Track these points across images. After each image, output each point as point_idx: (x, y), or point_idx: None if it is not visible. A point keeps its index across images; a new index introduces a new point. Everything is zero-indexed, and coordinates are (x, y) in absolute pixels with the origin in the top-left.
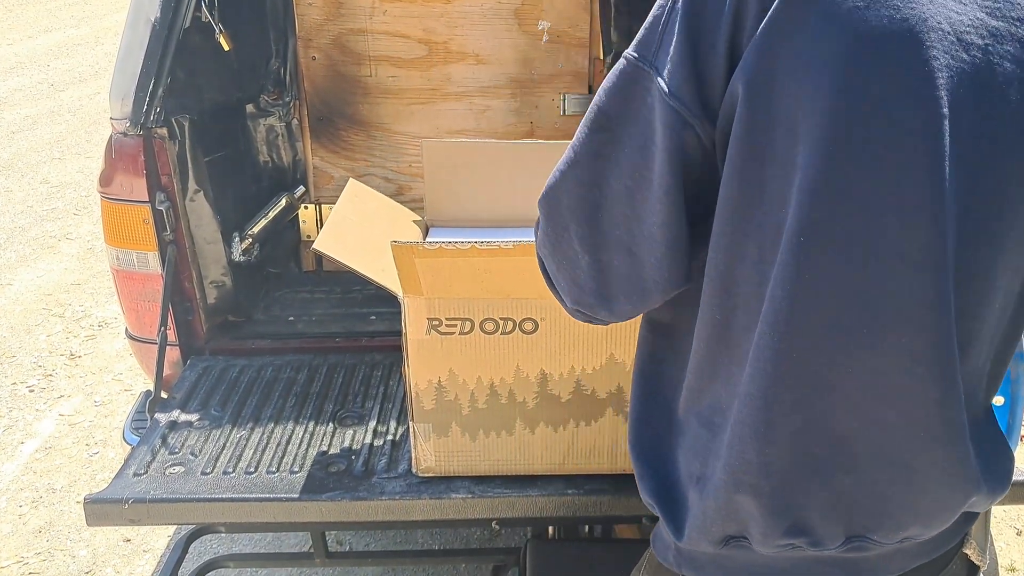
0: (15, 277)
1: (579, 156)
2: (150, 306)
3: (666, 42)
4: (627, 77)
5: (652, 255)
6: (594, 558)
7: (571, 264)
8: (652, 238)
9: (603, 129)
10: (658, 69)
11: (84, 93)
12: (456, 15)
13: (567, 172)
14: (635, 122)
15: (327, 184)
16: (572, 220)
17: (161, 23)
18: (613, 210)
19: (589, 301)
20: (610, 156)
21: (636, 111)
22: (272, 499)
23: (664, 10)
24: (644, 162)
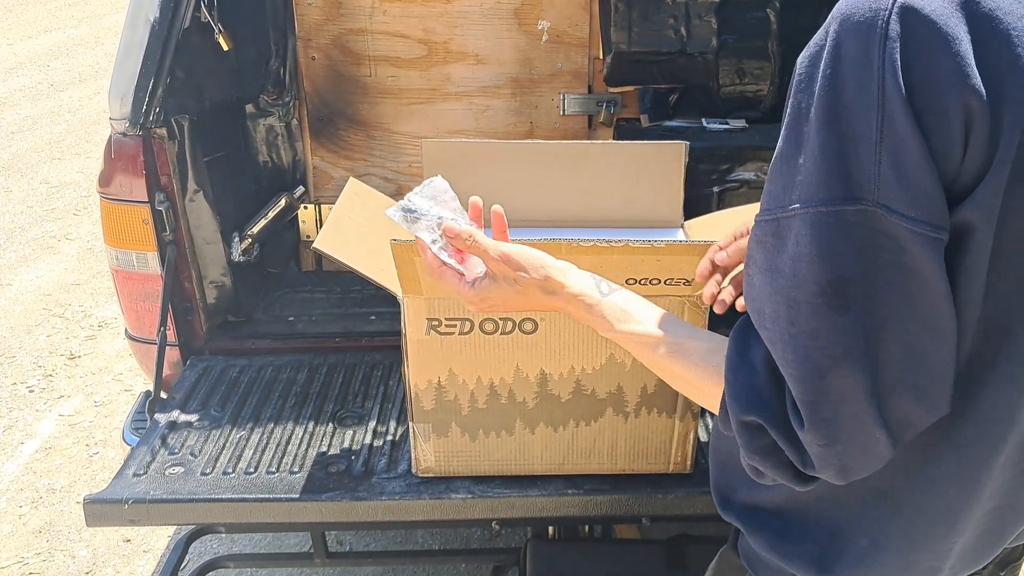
0: (15, 277)
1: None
2: (150, 306)
3: (890, 173)
4: (847, 228)
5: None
6: (594, 558)
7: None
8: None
9: (857, 295)
10: (888, 207)
11: (84, 93)
12: (456, 15)
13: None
14: (884, 271)
15: (327, 184)
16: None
17: (160, 23)
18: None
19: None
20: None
21: (878, 259)
22: (272, 499)
23: (874, 128)
24: (918, 305)
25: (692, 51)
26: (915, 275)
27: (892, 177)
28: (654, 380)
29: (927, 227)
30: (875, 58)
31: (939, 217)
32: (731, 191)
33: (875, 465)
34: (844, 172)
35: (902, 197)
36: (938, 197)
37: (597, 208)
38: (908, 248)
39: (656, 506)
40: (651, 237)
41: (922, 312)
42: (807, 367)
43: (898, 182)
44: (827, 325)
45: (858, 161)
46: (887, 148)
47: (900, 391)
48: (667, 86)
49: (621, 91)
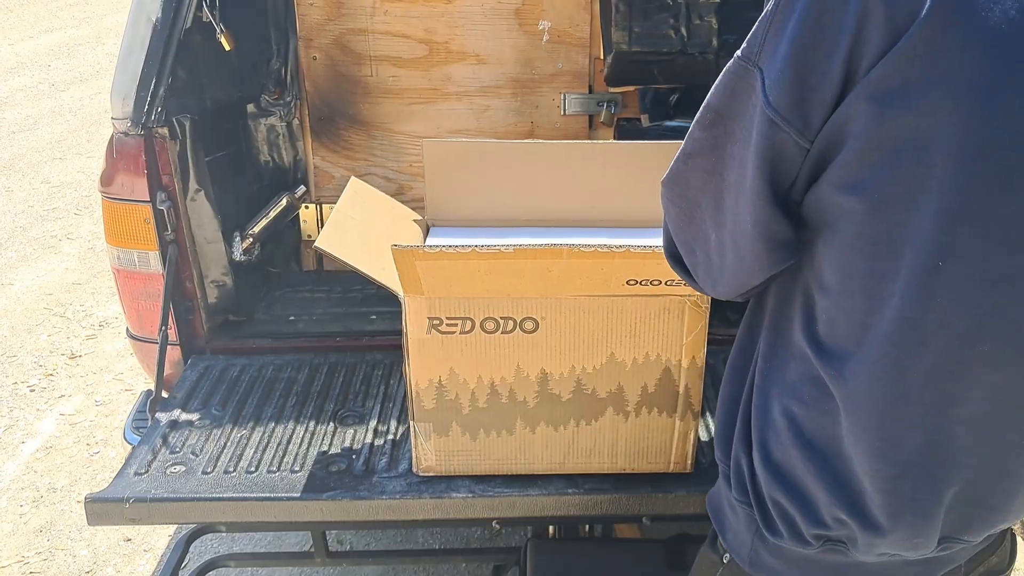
0: (16, 277)
1: (698, 148)
2: (151, 305)
3: (770, 46)
4: (732, 75)
5: (749, 249)
6: (594, 558)
7: (704, 240)
8: (746, 233)
9: (714, 124)
10: (762, 71)
11: (85, 93)
12: (457, 15)
13: (690, 161)
14: (741, 117)
15: (328, 184)
16: (703, 198)
17: (162, 23)
18: (728, 197)
19: (717, 276)
20: (724, 148)
21: (743, 107)
22: (273, 498)
23: (774, 11)
24: (744, 160)
25: (692, 51)
26: (749, 137)
27: (771, 49)
28: (655, 380)
29: (774, 112)
30: None
31: (785, 105)
32: None
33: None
34: (750, 37)
35: (769, 70)
36: (795, 89)
37: (597, 208)
38: (756, 109)
39: (656, 506)
40: (652, 238)
41: (742, 175)
42: (680, 166)
43: (772, 57)
44: (693, 129)
45: (759, 31)
46: (775, 25)
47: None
48: (667, 86)
49: (622, 91)
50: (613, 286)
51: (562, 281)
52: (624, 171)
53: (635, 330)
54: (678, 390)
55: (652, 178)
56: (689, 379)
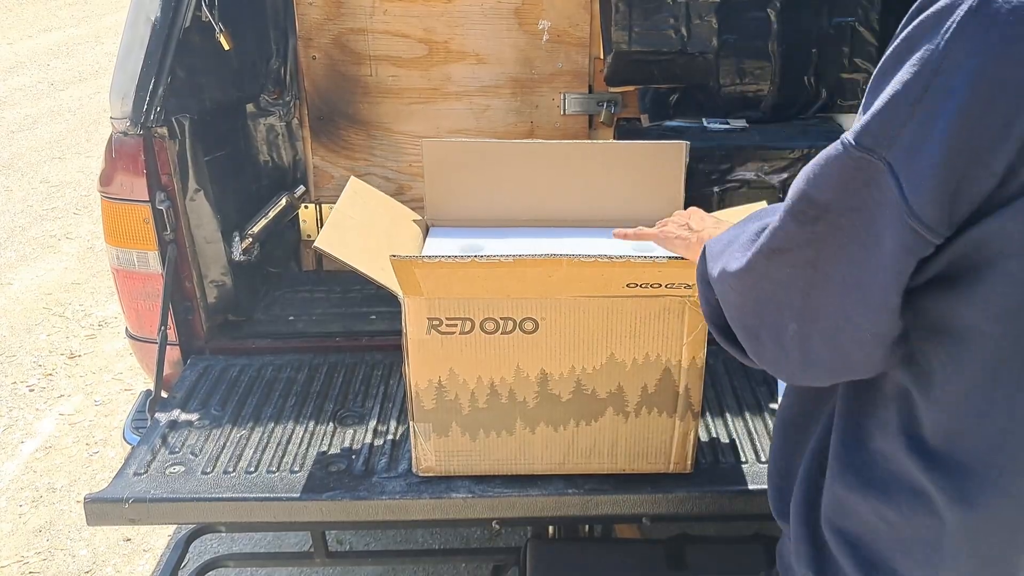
0: (15, 276)
1: (789, 243)
2: (150, 305)
3: (912, 138)
4: (846, 166)
5: (862, 354)
6: (594, 558)
7: (778, 330)
8: (861, 340)
9: (816, 220)
10: (893, 167)
11: (84, 92)
12: (456, 15)
13: (775, 257)
14: (857, 214)
15: (327, 183)
16: (785, 292)
17: (161, 22)
18: (827, 295)
19: (793, 368)
20: (827, 244)
21: (861, 204)
22: (272, 498)
23: (920, 95)
24: (865, 263)
25: (692, 51)
26: (875, 241)
27: (909, 144)
28: (655, 380)
29: (916, 220)
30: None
31: (935, 219)
32: (731, 191)
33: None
34: (877, 126)
35: (910, 171)
36: (946, 198)
37: (597, 208)
38: (887, 212)
39: (656, 506)
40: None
41: (863, 282)
42: (760, 260)
43: (913, 155)
44: (784, 222)
45: (895, 120)
46: (920, 114)
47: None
48: (667, 86)
49: (622, 91)
50: (613, 288)
51: (562, 285)
52: (624, 171)
53: (635, 330)
54: (678, 390)
55: (652, 178)
56: (689, 379)
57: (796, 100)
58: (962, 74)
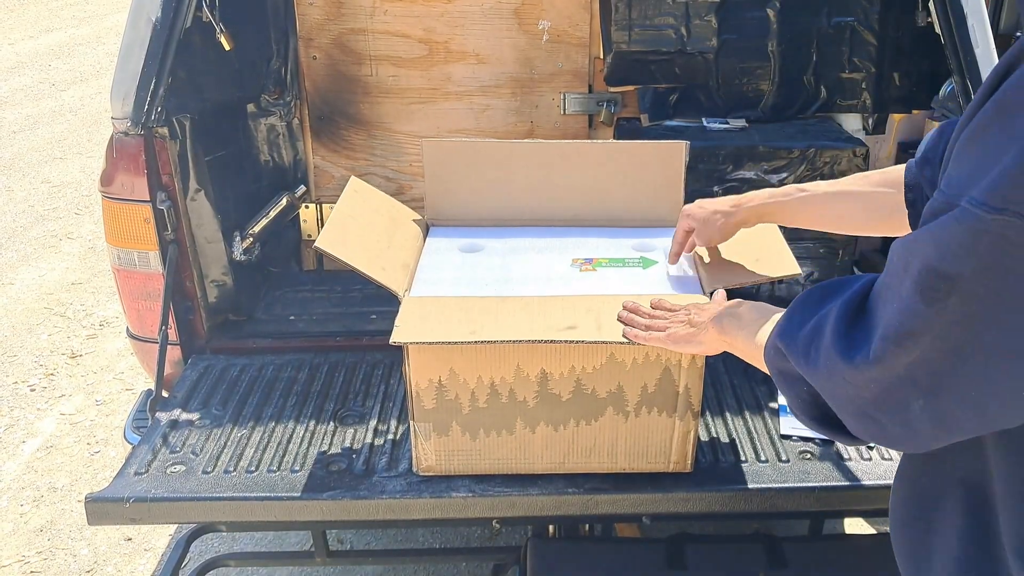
0: (16, 276)
1: (922, 327)
2: (151, 305)
3: None
4: (972, 231)
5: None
6: (594, 557)
7: (900, 410)
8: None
9: (951, 294)
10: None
11: (85, 93)
12: (456, 15)
13: (904, 342)
14: (995, 276)
15: (328, 183)
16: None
17: (162, 23)
18: (971, 368)
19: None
20: (965, 316)
21: (996, 265)
22: (273, 498)
23: None
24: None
25: (692, 50)
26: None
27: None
28: (654, 379)
29: None
30: None
31: None
32: (731, 191)
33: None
34: (1008, 175)
35: None
36: None
37: (598, 207)
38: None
39: (656, 505)
40: (649, 237)
41: (1008, 347)
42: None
43: None
44: (909, 303)
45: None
46: None
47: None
48: (667, 86)
49: (621, 90)
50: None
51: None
52: (624, 171)
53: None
54: (678, 390)
55: (652, 177)
56: (689, 379)
57: (796, 100)
58: None
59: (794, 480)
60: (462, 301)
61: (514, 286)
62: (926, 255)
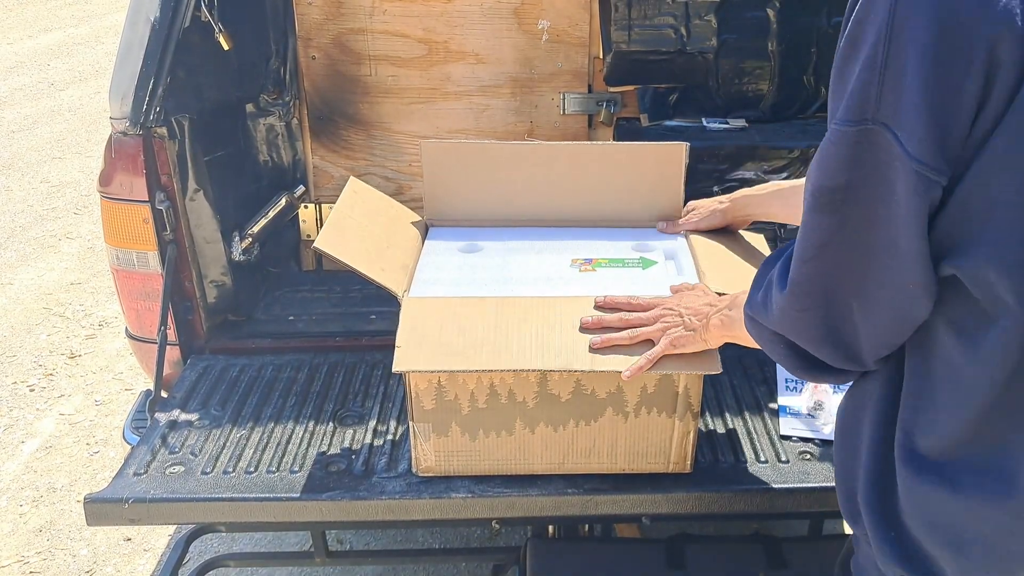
0: (15, 276)
1: (827, 236)
2: (150, 305)
3: (890, 98)
4: (849, 144)
5: (915, 308)
6: (594, 557)
7: (844, 318)
8: (911, 294)
9: (844, 203)
10: (889, 126)
11: (84, 92)
12: (456, 14)
13: (819, 255)
14: (873, 181)
15: (327, 183)
16: (836, 283)
17: (161, 22)
18: (872, 263)
19: (863, 345)
20: (858, 218)
21: (873, 171)
22: (272, 498)
23: (883, 64)
24: (892, 220)
25: (692, 50)
26: (892, 195)
27: (892, 101)
28: (653, 380)
29: (917, 162)
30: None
31: (932, 156)
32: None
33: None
34: (858, 93)
35: (899, 122)
36: (938, 136)
37: (598, 207)
38: (895, 166)
39: (656, 505)
40: (650, 238)
41: (887, 234)
42: (801, 251)
43: (897, 108)
44: (814, 221)
45: (866, 82)
46: (890, 75)
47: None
48: (667, 85)
49: (621, 90)
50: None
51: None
52: (623, 171)
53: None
54: (677, 391)
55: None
56: (689, 379)
57: (795, 99)
58: (913, 29)
59: (794, 481)
60: (461, 304)
61: (513, 286)
62: (815, 178)
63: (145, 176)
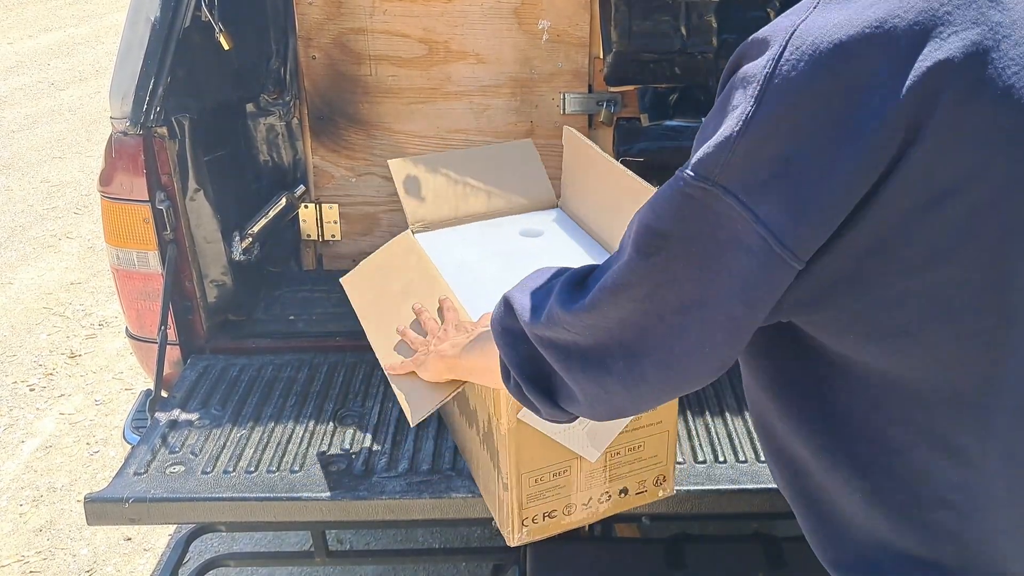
0: (16, 276)
1: (635, 277)
2: (150, 305)
3: (745, 164)
4: (683, 196)
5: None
6: (594, 558)
7: (599, 371)
8: (712, 354)
9: (659, 250)
10: (729, 190)
11: (84, 92)
12: (456, 14)
13: (619, 292)
14: (698, 242)
15: (327, 183)
16: (619, 328)
17: (161, 22)
18: (661, 326)
19: (615, 402)
20: (670, 270)
21: (699, 232)
22: (272, 498)
23: (745, 126)
24: (710, 282)
25: (692, 50)
26: (720, 260)
27: (740, 167)
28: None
29: (785, 250)
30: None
31: (801, 246)
32: None
33: (608, 410)
34: (711, 150)
35: (760, 197)
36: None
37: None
38: (744, 245)
39: (656, 505)
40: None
41: (708, 292)
42: (605, 277)
43: (758, 179)
44: (624, 256)
45: (721, 144)
46: (751, 138)
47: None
48: (667, 85)
49: (621, 90)
50: None
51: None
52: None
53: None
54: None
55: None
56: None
57: None
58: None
59: None
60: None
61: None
62: (644, 215)
63: (145, 176)
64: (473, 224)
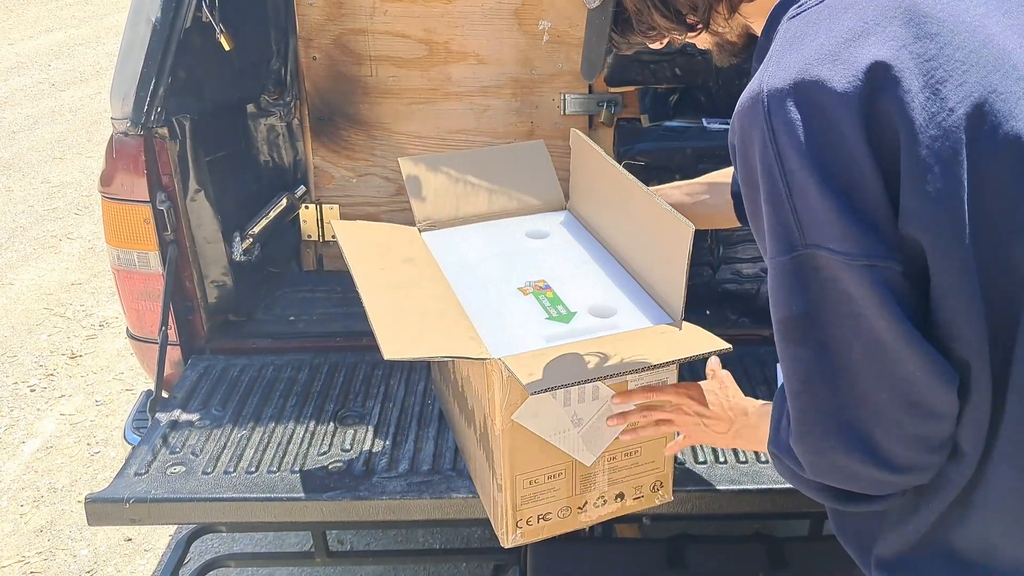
0: (16, 277)
1: (811, 366)
2: (151, 306)
3: (806, 217)
4: (792, 274)
5: (931, 395)
6: (594, 558)
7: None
8: (919, 382)
9: (810, 327)
10: (818, 245)
11: (85, 93)
12: (456, 15)
13: (810, 387)
14: (830, 298)
15: (328, 184)
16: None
17: (162, 23)
18: (867, 374)
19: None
20: (829, 338)
21: (824, 290)
22: (273, 499)
23: (787, 193)
24: (862, 327)
25: (692, 51)
26: (851, 302)
27: (809, 221)
28: None
29: (854, 257)
30: (762, 125)
31: (867, 245)
32: None
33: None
34: (778, 227)
35: (824, 235)
36: (866, 228)
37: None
38: (840, 276)
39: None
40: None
41: (865, 336)
42: (790, 386)
43: (816, 225)
44: (790, 354)
45: (782, 216)
46: (798, 201)
47: (864, 415)
48: (667, 85)
49: (622, 91)
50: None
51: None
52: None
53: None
54: None
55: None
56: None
57: None
58: (793, 151)
59: None
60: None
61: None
62: (774, 313)
63: (146, 176)
64: (478, 224)
